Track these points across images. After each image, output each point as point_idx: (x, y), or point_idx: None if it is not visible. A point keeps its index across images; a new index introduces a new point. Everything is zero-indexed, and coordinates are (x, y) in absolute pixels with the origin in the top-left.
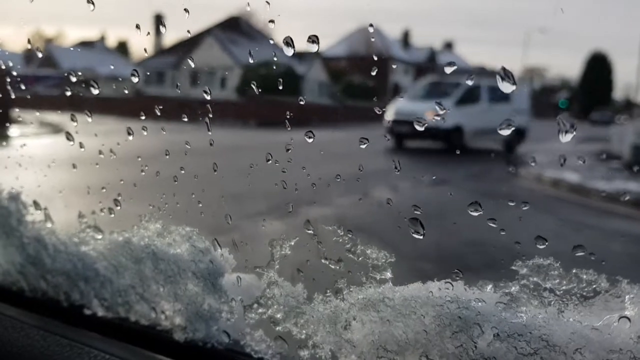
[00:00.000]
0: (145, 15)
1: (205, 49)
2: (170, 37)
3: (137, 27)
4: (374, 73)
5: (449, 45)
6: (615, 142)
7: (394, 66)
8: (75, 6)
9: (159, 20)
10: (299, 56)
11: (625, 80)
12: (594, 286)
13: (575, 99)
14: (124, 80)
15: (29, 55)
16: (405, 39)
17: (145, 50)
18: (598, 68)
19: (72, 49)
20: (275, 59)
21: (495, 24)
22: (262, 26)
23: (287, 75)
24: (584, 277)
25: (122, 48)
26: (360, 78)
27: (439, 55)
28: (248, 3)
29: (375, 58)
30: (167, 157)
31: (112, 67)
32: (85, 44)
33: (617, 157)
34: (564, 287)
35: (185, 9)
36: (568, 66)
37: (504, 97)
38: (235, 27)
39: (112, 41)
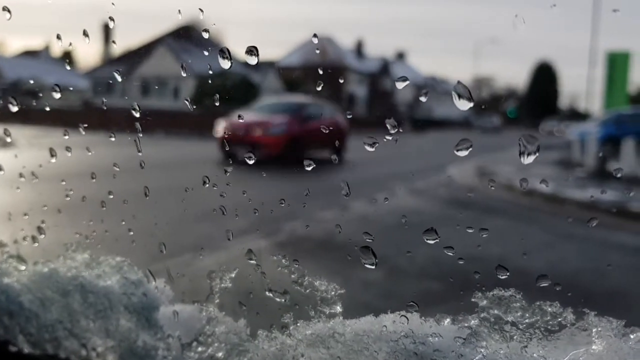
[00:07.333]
0: (94, 25)
1: (158, 58)
2: (120, 46)
3: (85, 33)
4: (320, 86)
5: (401, 56)
6: (576, 151)
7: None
8: (18, 15)
9: (107, 30)
10: (254, 66)
11: (571, 89)
12: (559, 319)
13: (523, 108)
14: (70, 89)
15: None
16: (359, 49)
17: (68, 61)
18: (544, 77)
19: (15, 58)
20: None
21: (446, 34)
22: (214, 35)
23: (243, 85)
24: (549, 309)
25: (68, 57)
26: (315, 88)
27: (391, 65)
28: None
29: (329, 68)
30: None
31: (76, 81)
32: (29, 54)
33: (579, 165)
34: (527, 320)
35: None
36: (514, 76)
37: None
38: (188, 36)
39: (57, 51)
